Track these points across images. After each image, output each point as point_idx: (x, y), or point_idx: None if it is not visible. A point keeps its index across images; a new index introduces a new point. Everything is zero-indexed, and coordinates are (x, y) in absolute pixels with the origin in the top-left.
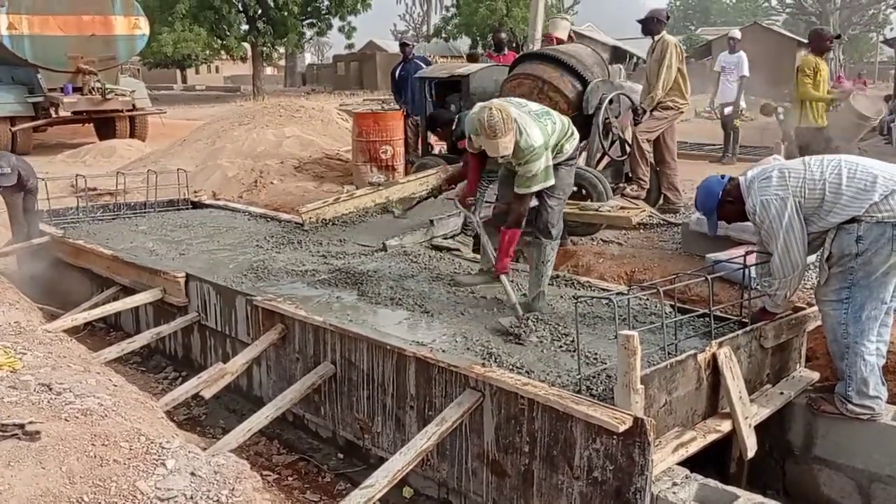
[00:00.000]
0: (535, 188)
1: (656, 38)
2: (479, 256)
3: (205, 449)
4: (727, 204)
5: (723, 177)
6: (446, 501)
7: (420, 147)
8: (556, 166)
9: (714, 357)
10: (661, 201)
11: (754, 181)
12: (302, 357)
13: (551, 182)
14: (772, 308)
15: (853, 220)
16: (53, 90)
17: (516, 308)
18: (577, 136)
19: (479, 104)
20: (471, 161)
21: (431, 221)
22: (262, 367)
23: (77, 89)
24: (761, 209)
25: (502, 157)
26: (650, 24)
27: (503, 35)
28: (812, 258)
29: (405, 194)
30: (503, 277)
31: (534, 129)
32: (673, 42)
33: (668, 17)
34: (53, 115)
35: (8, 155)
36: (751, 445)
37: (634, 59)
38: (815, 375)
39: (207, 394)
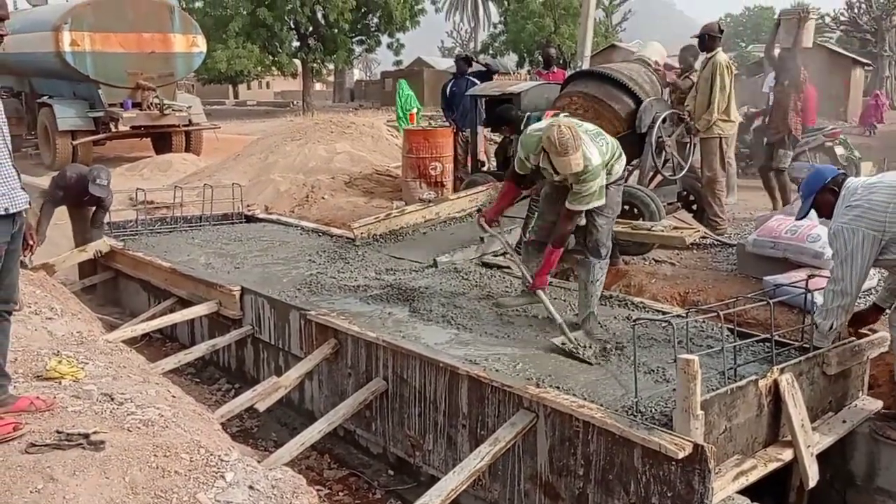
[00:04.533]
0: (588, 206)
1: (709, 55)
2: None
3: (259, 461)
4: (828, 192)
5: (838, 169)
6: None
7: (469, 164)
8: (606, 186)
9: (776, 383)
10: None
11: (842, 203)
12: (354, 372)
13: (602, 201)
14: (818, 341)
15: None
16: (113, 105)
17: (563, 327)
18: (624, 157)
19: (545, 121)
20: (506, 185)
21: (482, 238)
22: (315, 381)
23: (136, 105)
24: (832, 236)
25: (570, 174)
26: (703, 41)
27: (552, 51)
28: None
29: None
30: (541, 293)
31: (592, 148)
32: (724, 62)
33: (721, 31)
34: (113, 130)
35: (108, 170)
36: (812, 475)
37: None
38: (879, 403)
39: (262, 407)
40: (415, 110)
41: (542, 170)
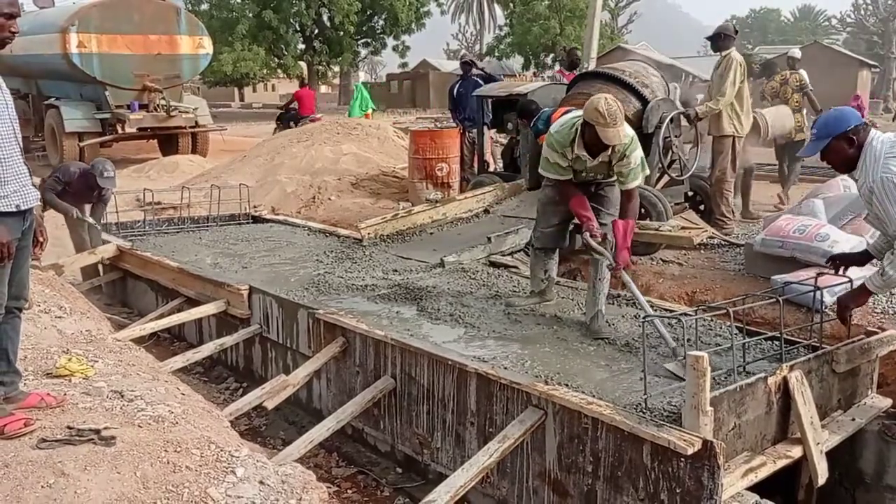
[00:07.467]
0: (641, 180)
1: (723, 53)
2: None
3: (267, 459)
4: (846, 139)
5: (862, 117)
6: None
7: (476, 165)
8: (612, 185)
9: (785, 380)
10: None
11: (877, 156)
12: (362, 371)
13: (647, 171)
14: (875, 286)
15: None
16: (120, 107)
17: (676, 350)
18: None
19: (568, 116)
20: (574, 194)
21: (489, 238)
22: (323, 379)
23: (143, 106)
24: (880, 188)
25: (617, 146)
26: (718, 40)
27: (578, 53)
28: None
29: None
30: (626, 278)
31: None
32: (738, 60)
33: (736, 32)
34: (120, 132)
35: (110, 161)
36: (822, 472)
37: (690, 78)
38: (888, 402)
39: (270, 405)
40: (370, 111)
41: (576, 160)
